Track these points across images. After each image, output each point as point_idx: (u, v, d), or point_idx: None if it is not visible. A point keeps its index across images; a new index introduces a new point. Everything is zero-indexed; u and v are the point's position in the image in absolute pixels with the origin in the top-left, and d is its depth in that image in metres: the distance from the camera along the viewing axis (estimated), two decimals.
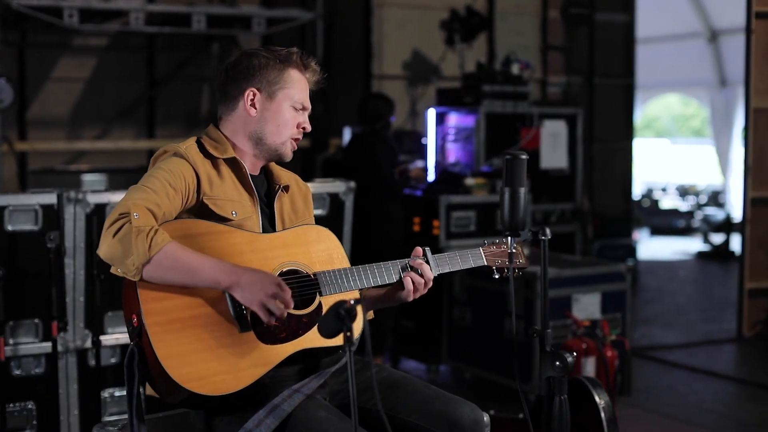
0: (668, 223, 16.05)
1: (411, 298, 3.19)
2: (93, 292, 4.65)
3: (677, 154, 25.55)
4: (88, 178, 9.04)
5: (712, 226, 14.18)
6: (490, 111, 7.71)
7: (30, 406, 4.62)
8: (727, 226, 13.71)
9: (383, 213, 6.92)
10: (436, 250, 6.81)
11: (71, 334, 4.65)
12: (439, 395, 3.12)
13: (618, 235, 10.64)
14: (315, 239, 3.17)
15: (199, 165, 3.08)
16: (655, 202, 17.94)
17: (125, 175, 9.13)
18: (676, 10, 17.95)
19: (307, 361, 3.09)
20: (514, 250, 3.00)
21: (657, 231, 15.91)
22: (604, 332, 6.05)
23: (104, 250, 2.85)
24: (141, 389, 2.94)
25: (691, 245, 14.59)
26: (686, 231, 16.08)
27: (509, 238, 2.95)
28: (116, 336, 4.78)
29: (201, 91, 10.41)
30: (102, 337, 4.72)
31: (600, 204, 10.27)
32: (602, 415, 4.32)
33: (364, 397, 3.12)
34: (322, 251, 3.16)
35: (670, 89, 21.75)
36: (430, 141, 8.02)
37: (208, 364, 2.86)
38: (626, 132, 11.01)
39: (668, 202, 18.92)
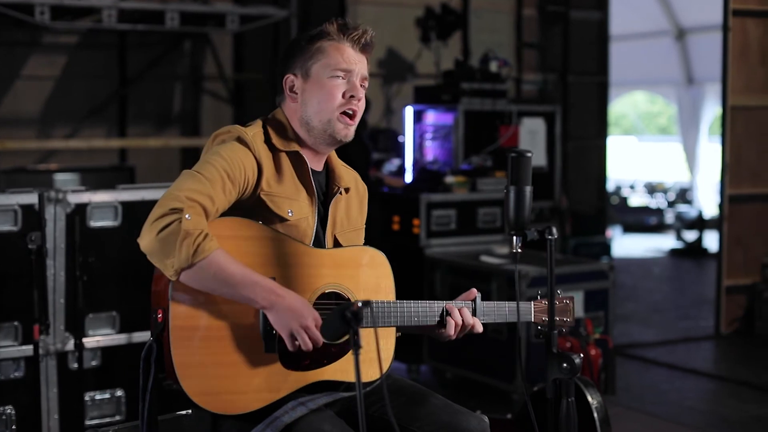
0: (640, 221, 16.09)
1: (446, 339, 3.08)
2: (75, 294, 4.56)
3: (644, 151, 25.66)
4: (60, 177, 8.89)
5: (684, 223, 14.21)
6: (468, 109, 7.67)
7: (9, 411, 4.52)
8: (699, 223, 13.75)
9: None
10: (416, 249, 6.82)
11: (51, 336, 4.56)
12: (446, 405, 3.03)
13: (592, 233, 10.62)
14: (367, 263, 3.01)
15: (262, 156, 2.91)
16: (624, 200, 18.00)
17: (97, 174, 8.99)
18: (644, 8, 18.02)
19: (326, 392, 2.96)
20: (519, 250, 2.92)
21: (629, 228, 15.94)
22: (587, 331, 6.04)
23: (145, 244, 2.70)
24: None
25: (663, 242, 14.64)
26: (658, 228, 16.13)
27: (515, 237, 2.88)
28: (97, 338, 4.71)
29: (173, 89, 10.29)
30: (83, 340, 4.64)
31: (574, 201, 10.25)
32: (595, 415, 4.28)
33: (368, 402, 3.04)
34: (371, 277, 3.01)
35: (638, 87, 21.84)
36: (408, 139, 7.96)
37: (223, 380, 2.76)
38: (600, 130, 11.00)
39: (637, 199, 18.99)
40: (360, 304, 2.47)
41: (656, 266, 12.64)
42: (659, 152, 25.36)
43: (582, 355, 2.96)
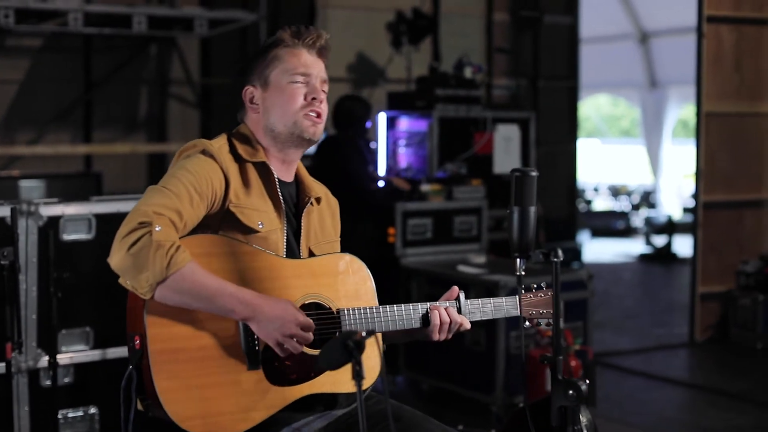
0: (607, 225, 16.09)
1: (436, 338, 3.03)
2: (49, 310, 4.41)
3: (608, 154, 25.75)
4: (25, 184, 8.71)
5: (653, 228, 14.22)
6: (443, 115, 7.58)
7: None
8: (669, 228, 13.76)
9: (353, 225, 6.65)
10: (392, 259, 6.72)
11: (23, 354, 4.41)
12: (439, 429, 2.96)
13: (563, 238, 10.58)
14: (344, 270, 2.95)
15: (229, 168, 2.85)
16: (589, 203, 18.01)
17: (64, 181, 8.82)
18: (608, 11, 18.05)
19: (317, 408, 2.89)
20: (523, 273, 2.83)
21: (596, 233, 15.94)
22: (567, 342, 5.97)
23: (116, 262, 2.61)
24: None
25: (632, 247, 14.62)
26: (626, 233, 16.13)
27: (518, 260, 2.79)
28: (70, 355, 4.57)
29: (139, 93, 10.14)
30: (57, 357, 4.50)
31: (545, 207, 10.20)
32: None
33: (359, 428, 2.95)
34: (351, 284, 2.94)
35: (601, 90, 21.90)
36: (381, 146, 7.86)
37: (209, 402, 2.66)
38: (570, 134, 10.97)
39: (601, 202, 19.01)
40: (364, 333, 2.37)
41: (626, 272, 12.62)
42: (622, 155, 25.45)
43: (588, 381, 2.86)
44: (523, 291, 3.13)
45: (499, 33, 10.41)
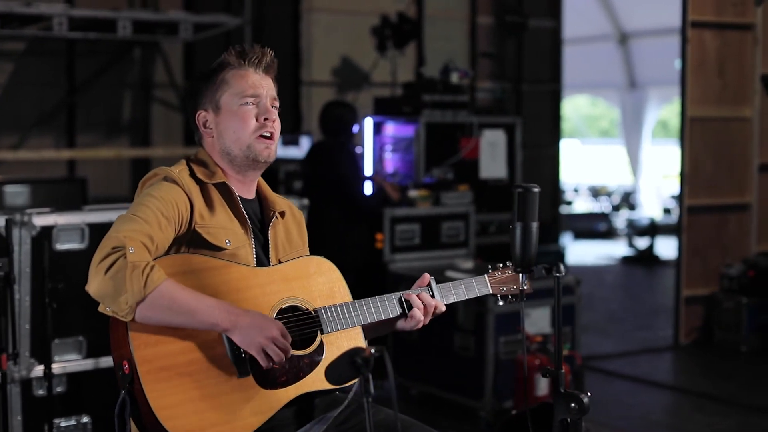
0: (589, 227, 16.14)
1: (417, 324, 3.06)
2: (44, 320, 4.42)
3: (587, 154, 25.85)
4: (9, 189, 8.67)
5: (636, 230, 14.29)
6: (430, 121, 7.61)
7: None
8: (651, 230, 13.83)
9: (344, 234, 6.67)
10: (380, 265, 6.75)
11: (17, 364, 4.41)
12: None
13: (546, 241, 10.63)
14: (315, 272, 3.00)
15: (191, 190, 2.90)
16: (569, 204, 18.07)
17: (48, 186, 8.78)
18: (587, 12, 18.12)
19: (301, 404, 2.93)
20: (525, 287, 2.87)
21: (579, 235, 16.00)
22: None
23: (95, 288, 2.65)
24: None
25: (614, 249, 14.68)
26: (608, 234, 16.19)
27: (521, 274, 2.82)
28: (63, 364, 4.57)
29: (122, 97, 10.14)
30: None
31: None
32: None
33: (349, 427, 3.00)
34: (323, 284, 3.00)
35: (581, 90, 21.98)
36: (368, 151, 7.88)
37: (205, 414, 2.69)
38: (553, 137, 11.02)
39: (581, 203, 19.08)
40: (373, 351, 2.39)
41: (609, 274, 12.67)
42: (602, 155, 25.55)
43: (589, 394, 2.89)
44: (489, 270, 3.22)
45: (483, 37, 10.45)
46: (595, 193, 19.27)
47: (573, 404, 2.76)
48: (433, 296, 3.09)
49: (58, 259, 4.50)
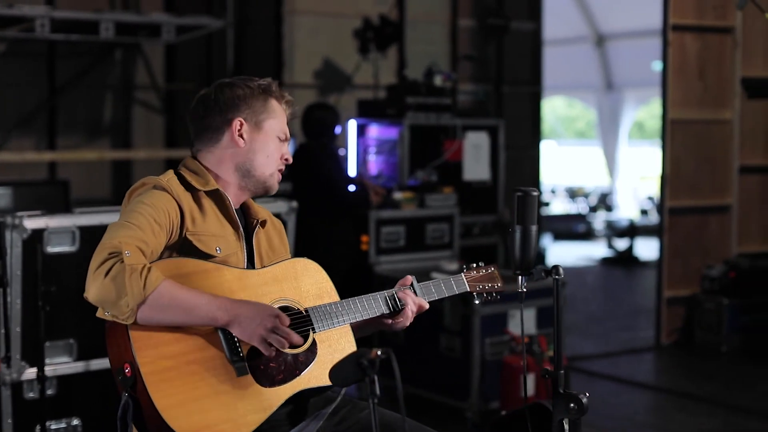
0: (568, 228, 16.21)
1: (408, 320, 3.17)
2: (36, 323, 4.41)
3: (564, 155, 25.95)
4: None
5: (615, 231, 14.36)
6: (414, 123, 7.64)
7: None
8: (630, 231, 13.91)
9: (331, 234, 6.69)
10: (366, 267, 6.77)
11: (9, 367, 4.42)
12: None
13: None
14: (303, 273, 3.07)
15: (181, 197, 2.95)
16: (546, 205, 18.14)
17: (30, 189, 8.77)
18: (564, 14, 18.21)
19: (295, 403, 2.97)
20: (524, 289, 2.91)
21: (558, 236, 16.07)
22: (541, 348, 6.04)
23: (94, 293, 2.68)
24: None
25: (593, 250, 14.75)
26: (587, 236, 16.26)
27: (520, 277, 2.86)
28: (54, 367, 4.57)
29: (104, 99, 10.11)
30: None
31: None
32: None
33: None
34: (311, 285, 3.07)
35: (558, 92, 22.09)
36: (351, 153, 7.91)
37: (209, 413, 2.74)
38: (534, 139, 11.07)
39: (558, 204, 19.16)
40: (380, 353, 2.42)
41: (589, 275, 12.74)
42: (578, 156, 25.66)
43: (588, 394, 2.93)
44: (464, 269, 3.37)
45: (464, 39, 10.49)
46: (572, 194, 19.35)
47: (572, 404, 2.81)
48: (414, 292, 3.19)
49: (49, 262, 4.50)
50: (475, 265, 3.38)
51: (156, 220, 2.83)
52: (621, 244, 14.03)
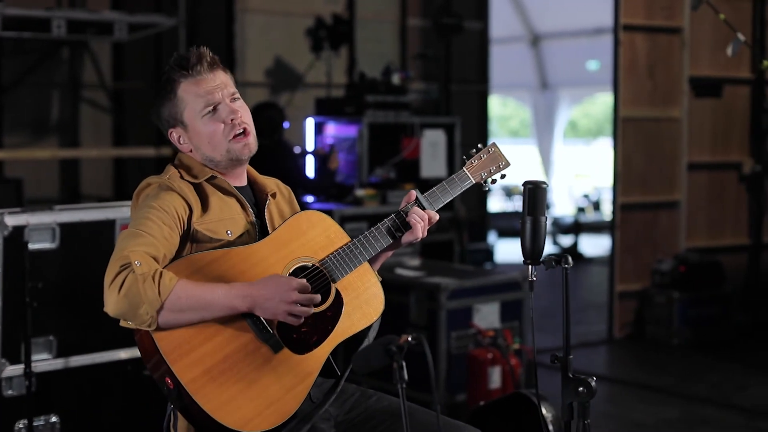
0: (512, 226, 16.36)
1: (420, 235, 3.17)
2: (21, 320, 4.40)
3: None
4: None
5: (560, 228, 14.56)
6: (373, 121, 7.72)
7: None
8: (575, 228, 14.11)
9: None
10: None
11: None
12: (444, 423, 3.10)
13: (475, 240, 10.81)
14: (308, 226, 3.05)
15: (186, 191, 2.97)
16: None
17: None
18: (499, 13, 18.37)
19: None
20: (534, 278, 3.00)
21: (502, 233, 16.21)
22: (507, 341, 6.15)
23: (112, 308, 2.70)
24: None
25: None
26: None
27: (530, 266, 2.95)
28: (33, 364, 4.54)
29: (51, 97, 10.03)
30: (19, 367, 4.47)
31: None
32: (550, 428, 4.39)
33: (366, 427, 3.08)
34: (320, 235, 3.05)
35: (492, 91, 22.25)
36: (309, 149, 7.96)
37: (257, 400, 2.78)
38: (481, 138, 11.20)
39: (494, 202, 19.33)
40: (410, 338, 2.48)
41: (537, 272, 12.84)
42: (513, 155, 25.89)
43: (595, 378, 3.03)
44: (465, 160, 3.30)
45: (413, 38, 10.59)
46: (508, 192, 19.51)
47: (581, 388, 2.91)
48: (423, 208, 3.18)
49: (31, 259, 4.49)
50: (474, 151, 3.30)
51: (165, 222, 2.85)
52: (566, 240, 14.23)
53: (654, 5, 8.41)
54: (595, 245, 14.63)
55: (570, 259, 2.89)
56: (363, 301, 3.05)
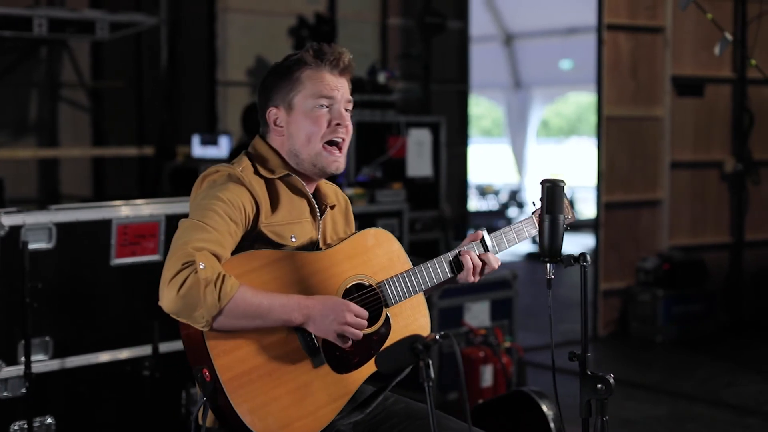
0: (489, 224, 16.40)
1: (471, 281, 3.13)
2: (19, 320, 4.36)
3: (472, 153, 26.20)
4: None
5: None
6: (359, 120, 7.72)
7: None
8: None
9: None
10: None
11: None
12: (461, 427, 3.08)
13: (456, 239, 10.81)
14: (374, 244, 3.03)
15: (256, 189, 2.90)
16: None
17: None
18: (472, 13, 18.40)
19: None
20: (553, 276, 3.00)
21: None
22: (498, 340, 6.17)
23: (168, 305, 2.65)
24: None
25: (517, 246, 14.86)
26: None
27: (548, 264, 2.95)
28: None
29: (29, 96, 9.96)
30: (14, 368, 4.44)
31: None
32: (552, 425, 4.40)
33: (384, 427, 3.07)
34: (382, 255, 3.03)
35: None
36: None
37: (290, 410, 2.76)
38: (461, 137, 11.22)
39: (471, 202, 19.38)
40: (438, 337, 2.48)
41: (518, 270, 12.80)
42: (485, 154, 25.98)
43: (612, 375, 3.04)
44: (534, 206, 3.24)
45: (394, 38, 10.58)
46: (482, 191, 19.56)
47: (600, 385, 2.91)
48: (486, 249, 3.15)
49: (29, 259, 4.45)
50: (534, 203, 3.21)
51: (232, 217, 2.79)
52: None
53: (637, 5, 8.45)
54: (573, 243, 14.67)
55: (588, 257, 2.89)
56: (410, 332, 2.97)
